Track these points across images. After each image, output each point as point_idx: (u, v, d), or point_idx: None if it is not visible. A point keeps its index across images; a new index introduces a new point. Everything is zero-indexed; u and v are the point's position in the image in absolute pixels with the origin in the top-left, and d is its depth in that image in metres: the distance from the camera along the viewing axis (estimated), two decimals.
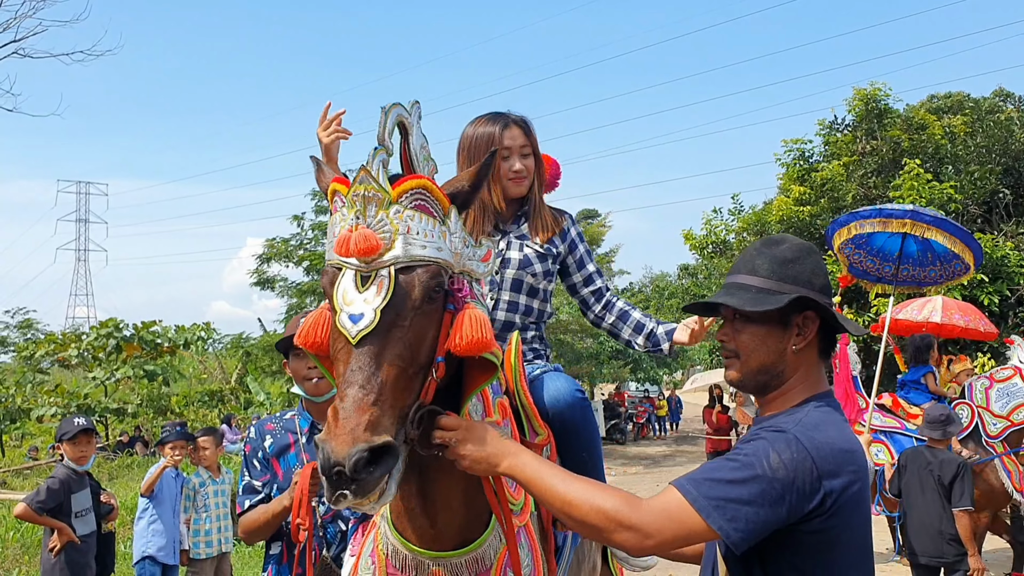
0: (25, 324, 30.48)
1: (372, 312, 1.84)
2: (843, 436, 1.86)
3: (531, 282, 3.10)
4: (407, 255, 1.90)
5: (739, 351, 2.01)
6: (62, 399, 21.86)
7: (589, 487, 1.88)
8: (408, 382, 1.89)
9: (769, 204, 18.37)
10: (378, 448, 1.74)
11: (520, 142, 3.08)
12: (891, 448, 7.57)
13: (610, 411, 26.30)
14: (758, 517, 1.73)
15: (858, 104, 16.60)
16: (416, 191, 1.95)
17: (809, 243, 2.09)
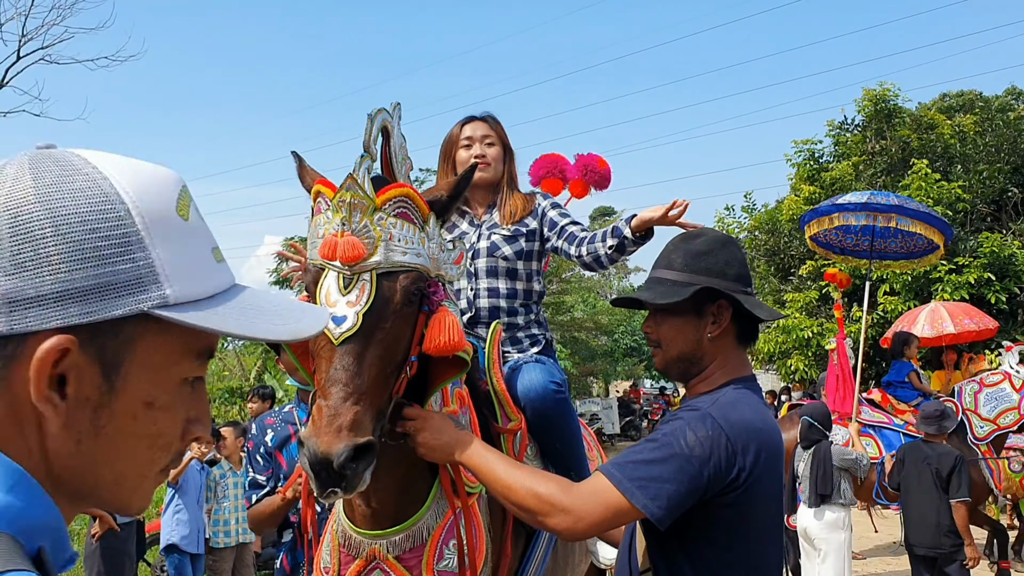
0: None
1: (355, 315, 1.96)
2: (757, 415, 1.95)
3: (505, 265, 3.17)
4: (388, 261, 2.02)
5: (660, 341, 2.11)
6: None
7: (528, 474, 2.01)
8: (385, 381, 2.03)
9: (780, 203, 18.52)
10: (361, 447, 1.88)
11: (482, 132, 3.25)
12: (879, 442, 7.87)
13: (625, 408, 26.50)
14: (678, 493, 1.81)
15: (867, 105, 16.71)
16: (399, 199, 2.07)
17: (727, 236, 2.22)
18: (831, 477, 6.35)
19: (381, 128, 2.23)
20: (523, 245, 3.20)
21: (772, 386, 22.48)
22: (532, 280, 3.26)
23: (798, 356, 15.82)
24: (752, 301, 2.06)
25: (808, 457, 6.53)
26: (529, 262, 3.23)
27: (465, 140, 3.26)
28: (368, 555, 2.33)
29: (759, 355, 16.93)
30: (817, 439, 6.59)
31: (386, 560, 2.31)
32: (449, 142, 3.30)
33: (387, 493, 2.30)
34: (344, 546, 2.39)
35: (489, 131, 3.27)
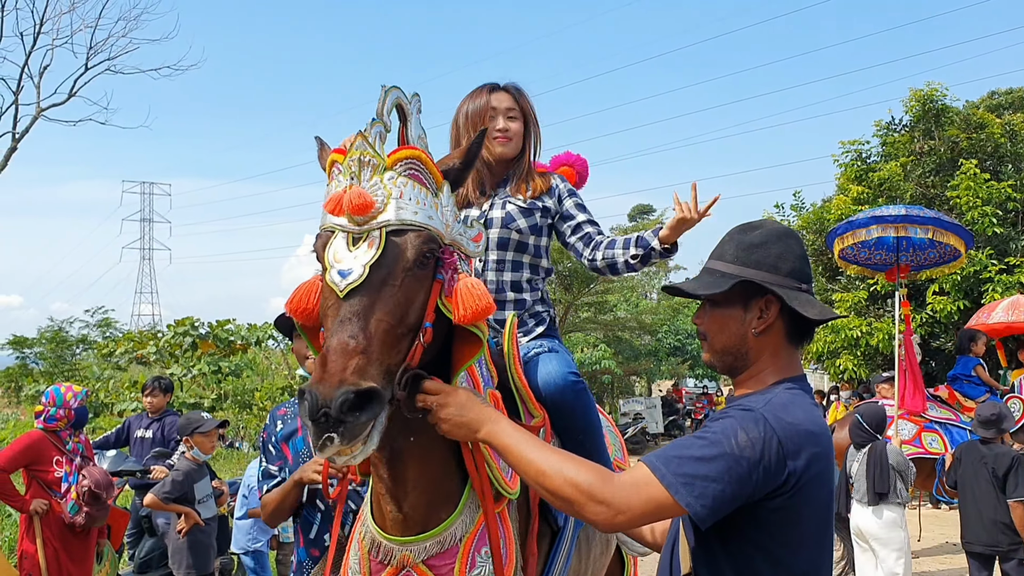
0: (104, 323, 31.72)
1: (361, 267, 1.88)
2: (810, 418, 1.88)
3: (517, 238, 3.05)
4: (398, 218, 1.94)
5: (707, 333, 2.07)
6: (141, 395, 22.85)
7: (564, 459, 1.88)
8: (395, 341, 1.90)
9: (828, 202, 18.50)
10: (364, 392, 1.75)
11: (507, 104, 3.10)
12: (945, 439, 7.98)
13: (668, 407, 26.54)
14: (724, 494, 1.76)
15: (915, 105, 16.67)
16: (411, 160, 2.01)
17: (787, 228, 2.12)
18: (888, 475, 6.44)
19: (395, 105, 2.14)
20: (537, 220, 3.09)
21: (821, 385, 22.46)
22: (541, 256, 3.15)
23: (847, 356, 15.84)
24: (802, 298, 1.98)
25: (863, 456, 6.63)
26: (540, 237, 3.12)
27: (491, 112, 3.09)
28: (399, 562, 2.25)
29: (807, 354, 16.97)
30: (866, 439, 6.70)
31: (416, 567, 2.24)
32: (478, 112, 3.10)
33: (418, 496, 2.23)
34: (373, 552, 2.31)
35: (513, 104, 3.12)
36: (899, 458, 6.65)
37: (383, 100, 2.08)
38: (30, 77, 13.99)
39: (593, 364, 22.03)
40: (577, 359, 21.45)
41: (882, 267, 8.75)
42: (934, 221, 7.67)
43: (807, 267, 2.05)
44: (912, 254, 8.42)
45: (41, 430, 5.83)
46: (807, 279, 2.03)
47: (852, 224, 7.95)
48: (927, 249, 8.30)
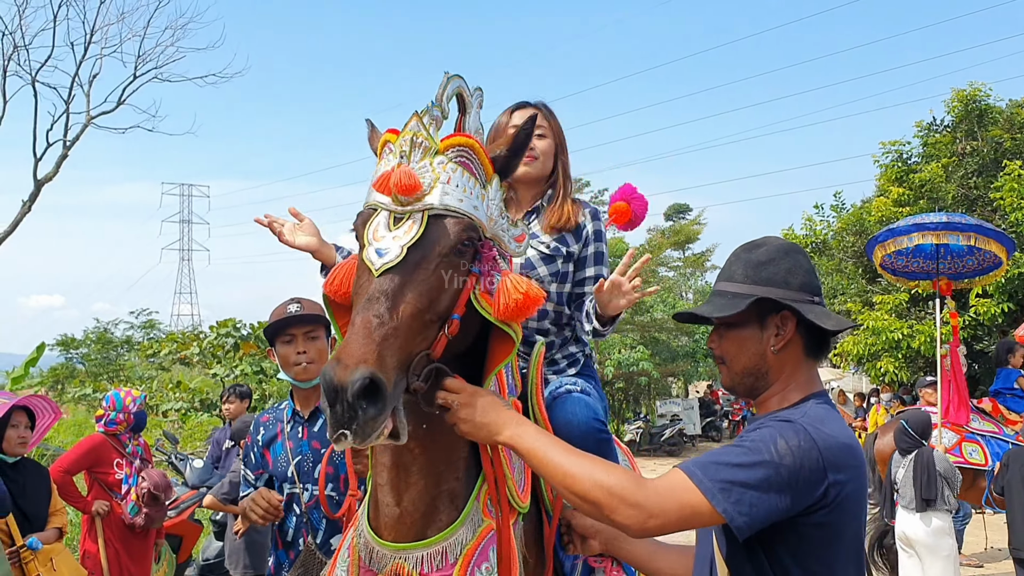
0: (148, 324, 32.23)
1: (399, 248, 1.84)
2: (845, 432, 1.85)
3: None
4: (442, 203, 1.89)
5: (724, 356, 2.03)
6: (186, 395, 23.17)
7: (593, 462, 1.82)
8: (422, 327, 1.84)
9: (868, 203, 18.38)
10: (377, 381, 1.68)
11: None
12: (986, 450, 7.93)
13: (705, 409, 26.48)
14: (763, 502, 1.70)
15: (957, 105, 16.52)
16: (463, 147, 1.96)
17: (791, 244, 2.08)
18: (935, 482, 6.45)
19: (456, 94, 2.10)
20: (559, 267, 2.91)
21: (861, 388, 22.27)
22: (564, 304, 2.97)
23: (888, 358, 15.74)
24: (818, 311, 1.95)
25: (909, 463, 6.64)
26: (563, 284, 2.94)
27: (513, 129, 2.84)
28: (390, 571, 2.09)
29: (848, 357, 16.88)
30: (911, 445, 6.70)
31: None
32: (496, 131, 2.96)
33: (419, 492, 2.10)
34: (365, 561, 2.17)
35: (541, 121, 2.94)
36: (946, 465, 6.64)
37: (444, 86, 2.04)
38: (80, 86, 14.30)
39: (630, 365, 22.02)
40: (614, 360, 21.48)
41: (920, 275, 8.71)
42: (976, 228, 7.63)
43: (816, 280, 2.02)
44: (950, 262, 8.37)
45: (102, 434, 6.02)
46: (817, 291, 2.00)
47: (893, 231, 7.93)
48: (965, 256, 8.24)
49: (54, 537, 4.86)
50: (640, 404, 26.78)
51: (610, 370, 21.43)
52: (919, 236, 7.69)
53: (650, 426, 22.92)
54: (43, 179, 13.79)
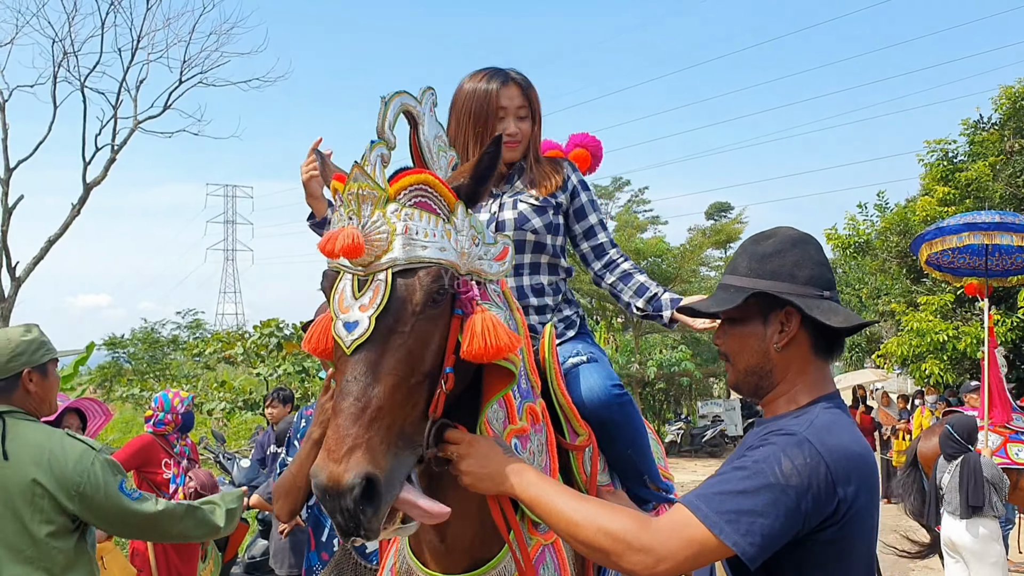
0: (195, 324, 32.72)
1: (367, 319, 1.71)
2: (854, 440, 1.76)
3: (533, 239, 2.77)
4: (406, 257, 1.75)
5: (728, 354, 1.95)
6: (230, 394, 23.54)
7: (596, 508, 1.76)
8: (409, 394, 1.74)
9: (912, 203, 18.15)
10: (372, 480, 1.61)
11: (517, 103, 2.76)
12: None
13: (747, 409, 26.22)
14: (773, 529, 1.62)
15: (1005, 102, 16.25)
16: (417, 187, 1.80)
17: (802, 234, 1.97)
18: (982, 488, 6.36)
19: (402, 113, 1.94)
20: (551, 217, 2.80)
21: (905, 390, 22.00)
22: (559, 256, 2.87)
23: (932, 360, 15.52)
24: (824, 306, 1.83)
25: (955, 468, 6.56)
26: (556, 236, 2.83)
27: (501, 112, 2.74)
28: None
29: (892, 358, 16.68)
30: (957, 450, 6.62)
31: None
32: (484, 105, 2.73)
33: (462, 526, 2.02)
34: None
35: (524, 101, 2.78)
36: (994, 471, 6.56)
37: (383, 115, 1.86)
38: (128, 91, 14.57)
39: (672, 366, 21.94)
40: (656, 360, 21.42)
41: (967, 272, 8.61)
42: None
43: (828, 272, 1.90)
44: (998, 258, 8.28)
45: (150, 434, 6.15)
46: (829, 285, 1.89)
47: (942, 230, 7.83)
48: (1014, 254, 8.13)
49: (104, 536, 4.94)
50: (681, 405, 26.67)
51: (651, 371, 21.37)
52: (968, 235, 7.58)
53: (691, 427, 22.84)
54: (92, 182, 14.08)
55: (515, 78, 2.78)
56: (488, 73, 2.77)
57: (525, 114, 2.78)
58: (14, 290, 13.43)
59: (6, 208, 13.52)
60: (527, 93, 2.79)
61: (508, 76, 2.77)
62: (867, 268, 18.57)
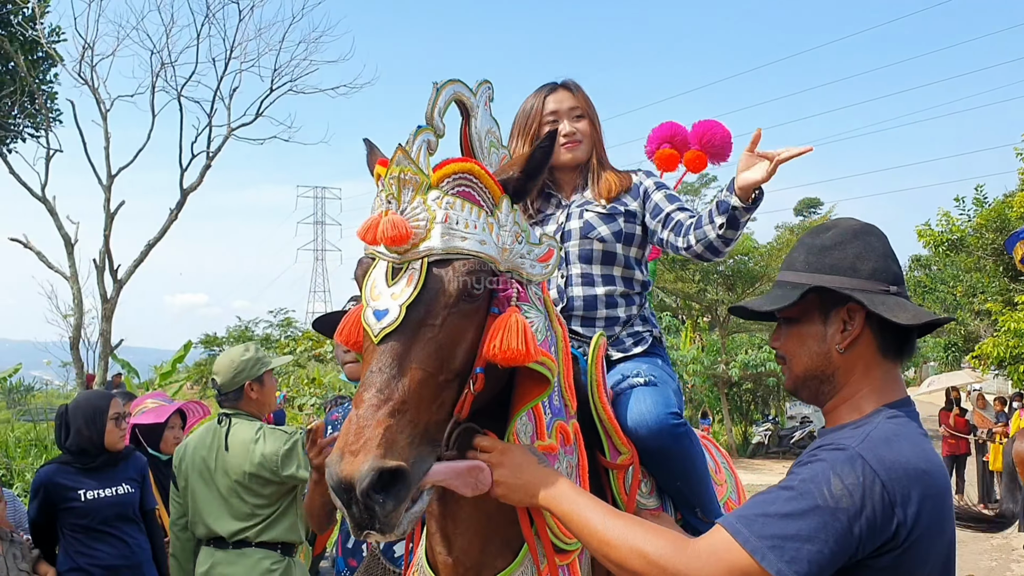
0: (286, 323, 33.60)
1: (397, 308, 1.65)
2: (919, 453, 1.58)
3: (600, 248, 2.66)
4: (444, 247, 1.69)
5: (785, 356, 1.80)
6: (320, 391, 24.12)
7: (632, 526, 1.67)
8: (436, 392, 1.68)
9: (1010, 198, 17.56)
10: (389, 472, 1.54)
11: (568, 104, 2.74)
12: None
13: None
14: (822, 556, 1.48)
15: None
16: (461, 176, 1.75)
17: (864, 224, 1.80)
18: None
19: (454, 101, 1.88)
20: (622, 226, 2.68)
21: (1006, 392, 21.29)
22: (633, 268, 2.75)
23: None
24: (890, 302, 1.67)
25: None
26: (629, 246, 2.72)
27: (550, 116, 2.72)
28: None
29: (988, 360, 16.18)
30: None
31: None
32: (528, 117, 2.76)
33: (470, 539, 1.99)
34: None
35: (576, 102, 2.76)
36: None
37: (433, 101, 1.81)
38: (222, 99, 15.03)
39: (758, 366, 21.61)
40: (740, 361, 21.15)
41: None
42: None
43: (894, 265, 1.74)
44: None
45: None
46: (896, 279, 1.72)
47: None
48: None
49: None
50: (768, 405, 26.22)
51: (736, 371, 21.12)
52: None
53: (779, 428, 22.48)
54: (189, 188, 14.60)
55: (562, 83, 2.79)
56: (539, 89, 2.80)
57: (580, 114, 2.75)
58: (117, 291, 14.03)
59: (109, 213, 14.14)
60: (577, 95, 2.77)
61: (555, 84, 2.79)
62: (961, 266, 18.01)
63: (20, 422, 20.16)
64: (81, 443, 4.19)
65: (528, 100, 2.79)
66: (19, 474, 11.01)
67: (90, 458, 4.21)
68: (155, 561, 4.43)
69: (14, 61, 13.94)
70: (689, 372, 20.53)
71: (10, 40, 13.88)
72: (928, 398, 31.76)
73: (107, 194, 14.19)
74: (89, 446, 4.20)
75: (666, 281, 22.97)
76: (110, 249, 13.98)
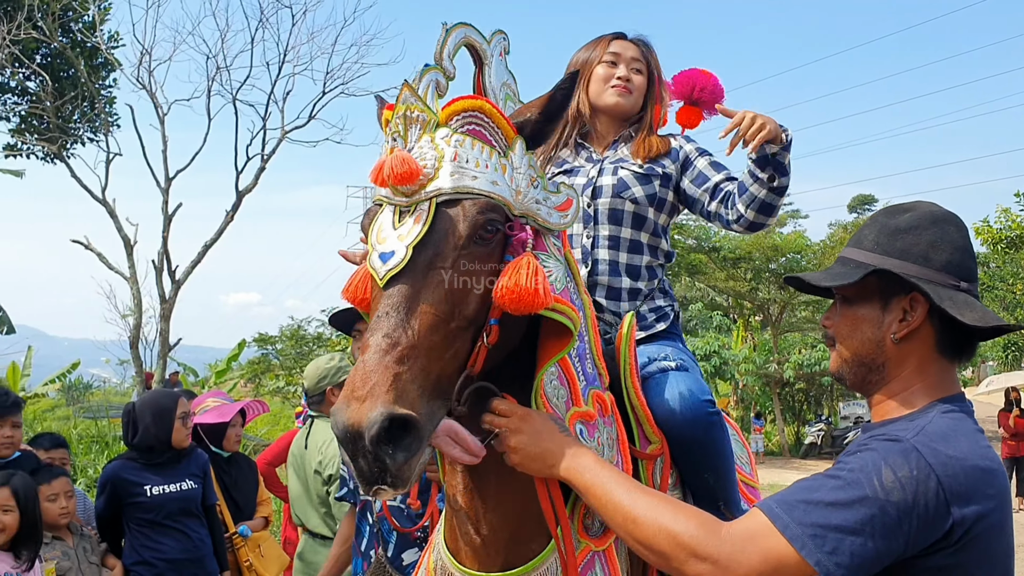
0: None
1: (404, 249, 1.55)
2: (977, 450, 1.48)
3: (632, 209, 2.50)
4: (453, 186, 1.59)
5: (835, 337, 1.70)
6: None
7: (660, 503, 1.57)
8: (447, 339, 1.56)
9: None
10: (399, 420, 1.42)
11: (631, 54, 2.61)
12: None
13: None
14: (866, 550, 1.38)
15: None
16: (471, 113, 1.63)
17: (945, 212, 1.68)
18: None
19: (465, 47, 1.77)
20: (656, 189, 2.53)
21: None
22: (660, 236, 2.59)
23: None
24: (958, 299, 1.56)
25: None
26: (660, 212, 2.56)
27: (610, 56, 2.60)
28: None
29: None
30: None
31: None
32: (584, 57, 2.64)
33: (500, 517, 1.83)
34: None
35: (640, 55, 2.63)
36: None
37: (442, 41, 1.70)
38: (275, 103, 15.29)
39: (812, 365, 21.36)
40: (794, 361, 20.94)
41: None
42: None
43: (970, 261, 1.63)
44: None
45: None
46: (969, 275, 1.61)
47: None
48: None
49: (261, 525, 5.26)
50: (822, 406, 25.92)
51: (790, 372, 20.90)
52: None
53: (832, 428, 22.20)
54: (244, 190, 14.86)
55: (632, 37, 2.67)
56: (604, 35, 2.67)
57: (640, 67, 2.62)
58: (174, 291, 14.33)
59: (167, 215, 14.44)
60: (644, 50, 2.65)
61: (625, 34, 2.67)
62: (1021, 263, 17.62)
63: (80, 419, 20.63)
64: (148, 440, 4.31)
65: (586, 47, 2.66)
66: (82, 470, 11.25)
67: (156, 455, 4.32)
68: (215, 555, 4.53)
69: (75, 67, 14.31)
70: (741, 371, 20.39)
71: (71, 46, 14.24)
72: (987, 398, 31.08)
73: (165, 196, 14.51)
74: (156, 443, 4.31)
75: (717, 280, 22.82)
76: (168, 250, 14.29)
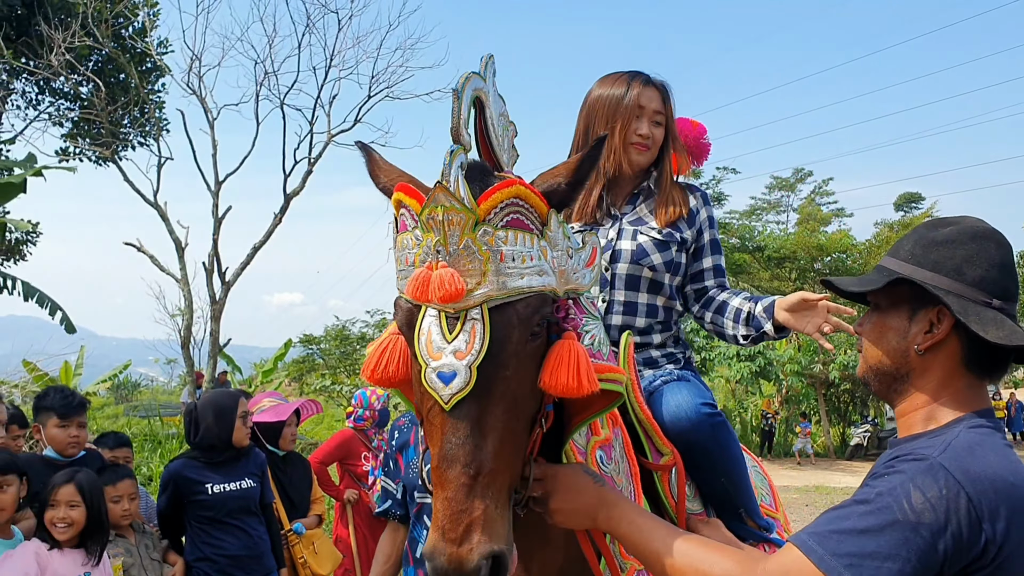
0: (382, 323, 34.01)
1: (466, 370, 1.49)
2: (1006, 464, 1.46)
3: (650, 276, 2.58)
4: (503, 290, 1.52)
5: (863, 343, 1.73)
6: None
7: (697, 547, 1.58)
8: (516, 447, 1.58)
9: None
10: (496, 559, 1.46)
11: (655, 106, 2.63)
12: None
13: None
14: (903, 574, 1.37)
15: None
16: (508, 203, 1.53)
17: (990, 229, 1.66)
18: None
19: (473, 100, 1.69)
20: (674, 255, 2.60)
21: None
22: (675, 298, 2.67)
23: None
24: (986, 316, 1.55)
25: None
26: (675, 275, 2.64)
27: (638, 110, 2.63)
28: None
29: None
30: None
31: None
32: (620, 104, 2.62)
33: (549, 555, 1.90)
34: None
35: (662, 107, 2.65)
36: None
37: (457, 111, 1.59)
38: (322, 107, 15.52)
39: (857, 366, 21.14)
40: (840, 361, 20.72)
41: None
42: None
43: (1008, 280, 1.61)
44: None
45: (351, 429, 6.64)
46: (1004, 294, 1.59)
47: None
48: None
49: (315, 523, 5.35)
50: (867, 406, 25.60)
51: (835, 373, 20.69)
52: None
53: (878, 430, 21.94)
54: (291, 193, 15.08)
55: (655, 82, 2.67)
56: (628, 75, 2.65)
57: (660, 120, 2.65)
58: (224, 293, 14.57)
59: (217, 218, 14.70)
60: (665, 99, 2.67)
61: (650, 78, 2.66)
62: None
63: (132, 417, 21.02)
64: (210, 439, 4.42)
65: (614, 85, 2.64)
66: (136, 468, 11.51)
67: (217, 454, 4.43)
68: (273, 551, 4.63)
69: (126, 72, 14.61)
70: (786, 372, 20.20)
71: (122, 52, 14.54)
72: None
73: (215, 199, 14.76)
74: (217, 442, 4.42)
75: (762, 280, 22.66)
76: (219, 252, 14.54)
